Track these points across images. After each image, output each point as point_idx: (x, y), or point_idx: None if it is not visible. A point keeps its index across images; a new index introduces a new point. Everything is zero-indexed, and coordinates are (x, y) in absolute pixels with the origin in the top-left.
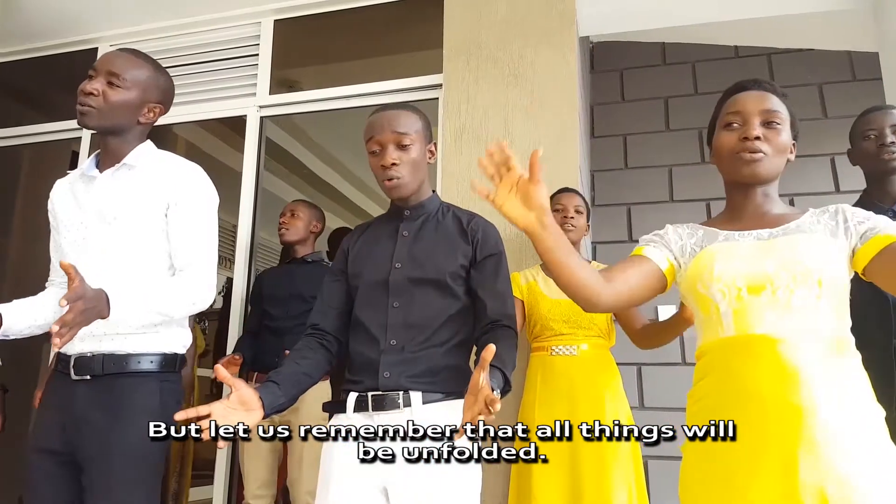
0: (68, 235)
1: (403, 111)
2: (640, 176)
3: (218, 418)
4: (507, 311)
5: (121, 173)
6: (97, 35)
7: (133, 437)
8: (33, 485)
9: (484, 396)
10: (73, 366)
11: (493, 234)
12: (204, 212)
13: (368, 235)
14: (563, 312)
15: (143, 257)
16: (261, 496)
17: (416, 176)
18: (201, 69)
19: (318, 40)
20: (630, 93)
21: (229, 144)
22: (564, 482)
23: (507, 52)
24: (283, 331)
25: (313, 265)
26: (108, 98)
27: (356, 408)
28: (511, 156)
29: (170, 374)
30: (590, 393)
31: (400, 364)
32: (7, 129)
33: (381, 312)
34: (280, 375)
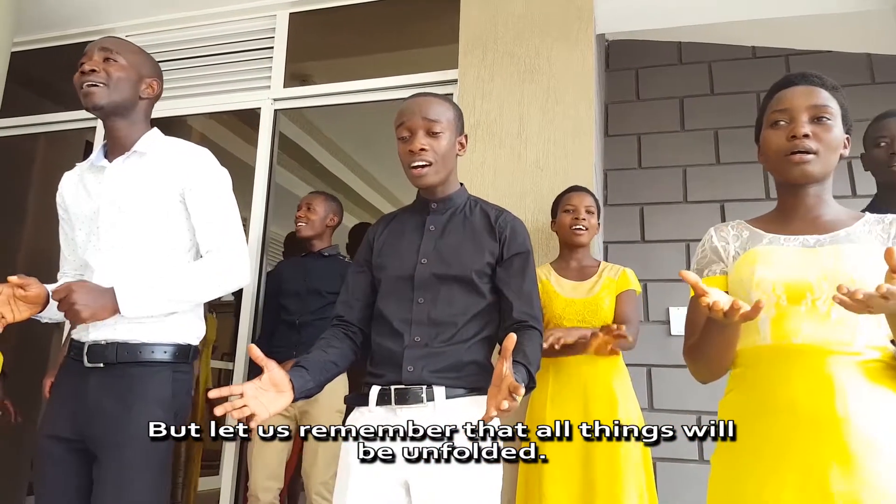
0: (82, 227)
1: (436, 99)
2: (654, 176)
3: (249, 399)
4: (534, 312)
5: (131, 161)
6: (112, 25)
7: (144, 426)
8: (43, 471)
9: (507, 384)
10: (86, 353)
11: (522, 231)
12: (222, 193)
13: (394, 227)
14: (577, 312)
15: (158, 245)
16: (268, 488)
17: (444, 166)
18: (216, 61)
19: (332, 34)
20: (645, 92)
21: (241, 137)
22: (576, 483)
23: (524, 47)
24: (300, 325)
25: (330, 259)
26: (109, 72)
27: (378, 401)
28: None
29: (182, 365)
30: (603, 393)
31: (423, 358)
32: (22, 118)
33: (406, 308)
34: (308, 361)
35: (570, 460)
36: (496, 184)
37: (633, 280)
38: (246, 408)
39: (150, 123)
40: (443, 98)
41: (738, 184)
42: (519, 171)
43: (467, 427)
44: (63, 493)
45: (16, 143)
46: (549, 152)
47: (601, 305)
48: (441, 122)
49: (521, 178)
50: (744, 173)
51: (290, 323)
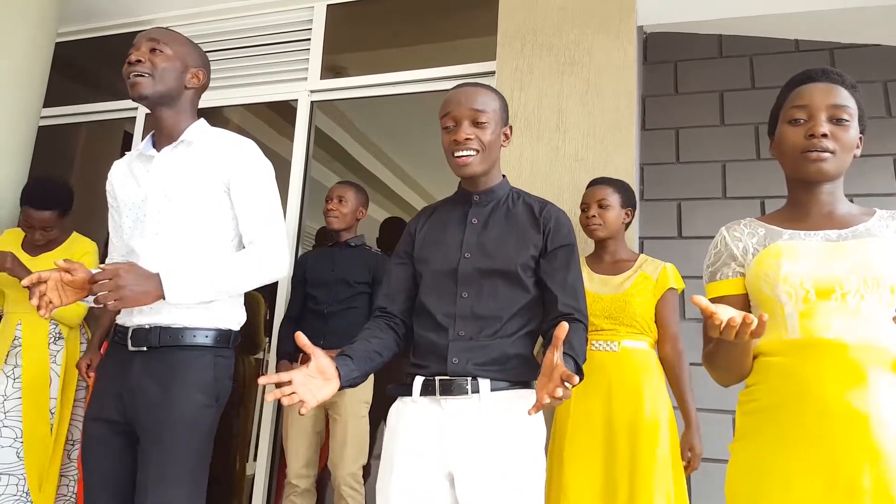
0: (129, 214)
1: (482, 89)
2: (692, 171)
3: (298, 386)
4: (579, 305)
5: (178, 151)
6: (153, 17)
7: (185, 409)
8: (90, 452)
9: (559, 373)
10: (130, 337)
11: (566, 223)
12: (266, 185)
13: (435, 220)
14: (605, 308)
15: (203, 233)
16: (304, 475)
17: (488, 157)
18: (254, 52)
19: (369, 26)
20: (684, 85)
21: (276, 130)
22: (597, 481)
23: (563, 39)
24: (328, 315)
25: (357, 249)
26: (155, 63)
27: (423, 391)
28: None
29: (224, 350)
30: (628, 390)
31: (468, 351)
32: (65, 108)
33: (449, 302)
34: (353, 350)
35: (591, 457)
36: (533, 177)
37: (674, 277)
38: (295, 395)
39: (200, 114)
40: (489, 88)
41: (779, 180)
42: (557, 164)
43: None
44: (110, 474)
45: (59, 131)
46: (588, 146)
47: (629, 303)
48: (487, 113)
49: (559, 171)
50: None
51: (317, 312)
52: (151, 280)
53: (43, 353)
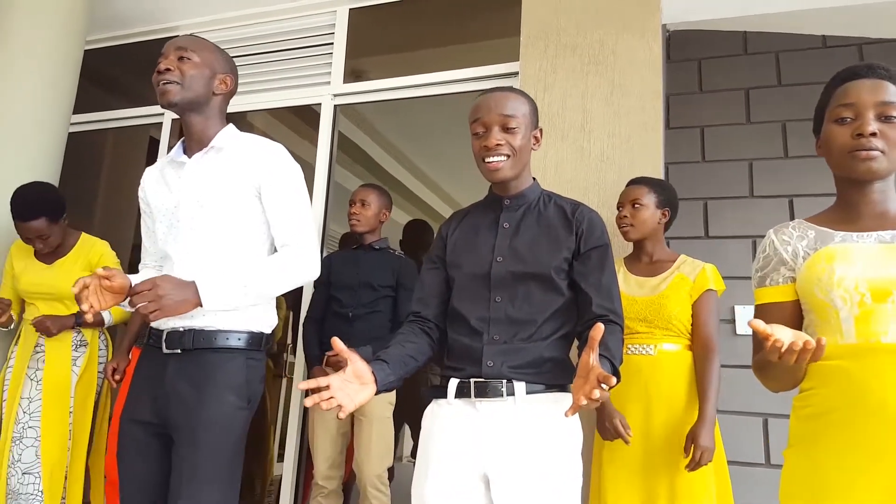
0: (162, 220)
1: (512, 94)
2: (718, 170)
3: (336, 391)
4: (614, 307)
5: (209, 157)
6: (177, 24)
7: (218, 411)
8: (126, 453)
9: (596, 374)
10: (164, 340)
11: (599, 224)
12: (297, 188)
13: (467, 224)
14: (640, 311)
15: (236, 237)
16: (331, 477)
17: (518, 161)
18: (277, 58)
19: (392, 29)
20: (708, 83)
21: (299, 134)
22: (636, 488)
23: (587, 39)
24: (353, 318)
25: (381, 252)
26: (183, 71)
27: (458, 393)
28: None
29: (255, 353)
30: (665, 396)
31: (503, 354)
32: (92, 114)
33: (483, 306)
34: (388, 355)
35: (630, 462)
36: (559, 177)
37: (713, 278)
38: (333, 399)
39: (226, 119)
40: (518, 92)
41: (808, 178)
42: (582, 164)
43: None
44: (145, 475)
45: (86, 138)
46: (614, 145)
47: (664, 305)
48: (517, 118)
49: (584, 171)
50: (814, 167)
51: (342, 315)
52: (188, 288)
53: (65, 358)
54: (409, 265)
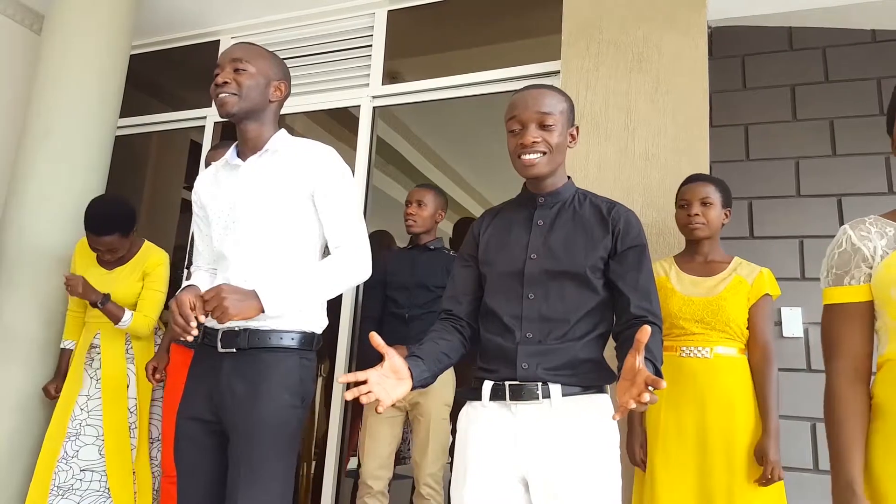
0: (218, 222)
1: (549, 91)
2: (764, 169)
3: (374, 385)
4: (652, 307)
5: (263, 160)
6: (219, 28)
7: (273, 409)
8: (184, 451)
9: (643, 378)
10: (219, 339)
11: (636, 223)
12: (349, 191)
13: (500, 222)
14: (696, 311)
15: (290, 238)
16: (379, 477)
17: (554, 158)
18: (316, 60)
19: (430, 30)
20: (752, 80)
21: (336, 136)
22: (692, 494)
23: (630, 36)
24: (409, 319)
25: (436, 252)
26: (240, 82)
27: (492, 396)
28: None
29: (308, 352)
30: (723, 399)
31: (538, 355)
32: (136, 118)
33: (516, 304)
34: (423, 351)
35: (684, 469)
36: (601, 177)
37: (770, 282)
38: (371, 393)
39: (279, 124)
40: (555, 89)
41: (857, 177)
42: (626, 164)
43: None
44: (203, 472)
45: (130, 141)
46: (658, 144)
47: (723, 307)
48: (553, 115)
49: (628, 171)
50: (863, 165)
51: (399, 316)
52: (249, 296)
53: (120, 357)
54: None
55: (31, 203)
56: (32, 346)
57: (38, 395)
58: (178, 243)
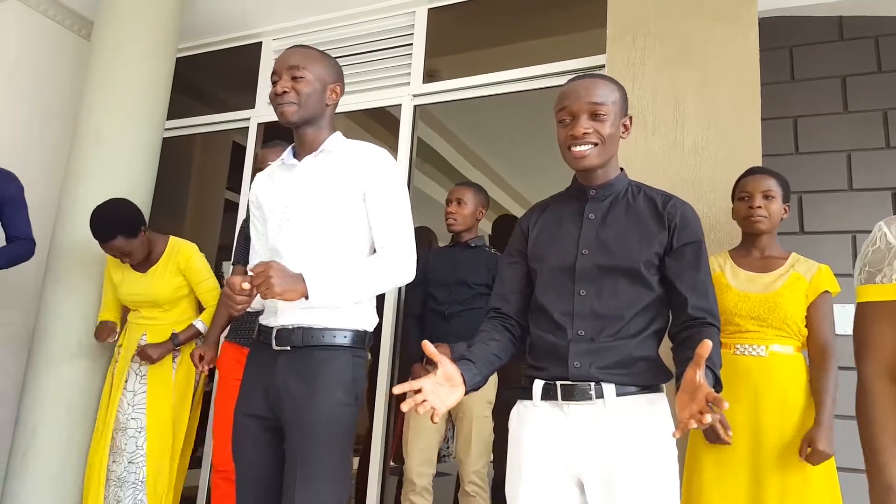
0: (273, 219)
1: (601, 80)
2: (814, 162)
3: (428, 394)
4: (710, 307)
5: (319, 159)
6: (260, 30)
7: (328, 407)
8: (242, 447)
9: (704, 394)
10: (274, 337)
11: (693, 218)
12: (399, 193)
13: (549, 216)
14: (752, 308)
15: (341, 236)
16: (423, 473)
17: (607, 150)
18: (357, 60)
19: (471, 27)
20: (801, 71)
21: (376, 137)
22: (744, 495)
23: (678, 29)
24: (450, 316)
25: (477, 250)
26: (299, 91)
27: (543, 395)
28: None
29: (360, 350)
30: (777, 399)
31: (590, 354)
32: (180, 121)
33: (567, 300)
34: (474, 354)
35: (736, 470)
36: (649, 172)
37: (829, 279)
38: (426, 402)
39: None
40: (607, 79)
41: None
42: (675, 158)
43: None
44: (260, 467)
45: (175, 144)
46: (708, 138)
47: (780, 304)
48: (606, 105)
49: (676, 165)
50: None
51: (439, 313)
52: (297, 278)
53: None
54: None
55: (83, 204)
56: (81, 344)
57: (86, 392)
58: (222, 243)
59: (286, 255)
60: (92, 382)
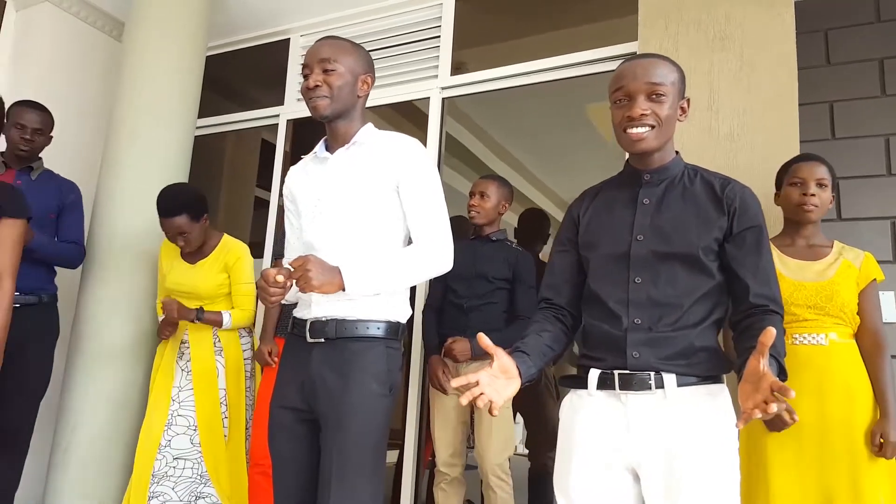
0: (307, 212)
1: (660, 60)
2: (851, 147)
3: (486, 387)
4: (773, 294)
5: (351, 151)
6: (288, 26)
7: (363, 398)
8: (276, 438)
9: (769, 383)
10: (308, 329)
11: (754, 201)
12: (434, 184)
13: (601, 202)
14: (808, 296)
15: (375, 228)
16: (453, 464)
17: (664, 132)
18: (385, 54)
19: (499, 17)
20: (837, 55)
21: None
22: (812, 488)
23: (712, 13)
24: (468, 309)
25: (497, 244)
26: (331, 84)
27: (599, 385)
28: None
29: (393, 342)
30: (841, 388)
31: (649, 344)
32: (211, 118)
33: (622, 288)
34: (528, 346)
35: (803, 462)
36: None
37: (875, 267)
38: (484, 395)
39: (364, 118)
40: (666, 59)
41: None
42: (709, 145)
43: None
44: (297, 460)
45: (205, 142)
46: (744, 124)
47: (837, 292)
48: (664, 85)
49: (711, 152)
50: None
51: (458, 306)
52: (334, 271)
53: (209, 350)
54: (526, 258)
55: (118, 204)
56: (117, 341)
57: (123, 389)
58: (251, 241)
59: (320, 249)
60: (129, 379)
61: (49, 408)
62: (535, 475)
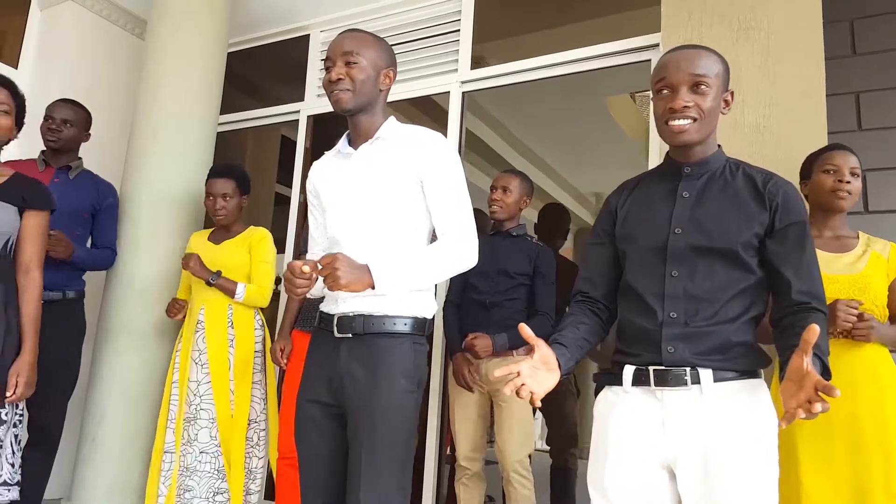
0: (332, 209)
1: (704, 51)
2: (878, 138)
3: (526, 378)
4: (816, 291)
5: (374, 147)
6: (308, 22)
7: (391, 394)
8: (304, 433)
9: (813, 383)
10: (335, 325)
11: (796, 197)
12: (458, 178)
13: (639, 195)
14: (841, 290)
15: (399, 222)
16: (473, 458)
17: (706, 125)
18: (405, 49)
19: (520, 10)
20: (863, 45)
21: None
22: (845, 483)
23: (737, 4)
24: (490, 305)
25: (518, 239)
26: (353, 77)
27: (634, 381)
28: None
29: (420, 337)
30: (873, 382)
31: (685, 339)
32: (232, 115)
33: (658, 281)
34: (565, 338)
35: (835, 457)
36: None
37: None
38: (525, 386)
39: (386, 112)
40: (710, 50)
41: None
42: (735, 137)
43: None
44: (324, 454)
45: (226, 138)
46: (770, 116)
47: (870, 285)
48: (708, 77)
49: (737, 144)
50: None
51: (479, 302)
52: (362, 269)
53: (223, 338)
54: (547, 253)
55: (142, 199)
56: (143, 334)
57: (149, 380)
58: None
59: (345, 245)
60: (154, 370)
61: (78, 400)
62: (556, 472)
